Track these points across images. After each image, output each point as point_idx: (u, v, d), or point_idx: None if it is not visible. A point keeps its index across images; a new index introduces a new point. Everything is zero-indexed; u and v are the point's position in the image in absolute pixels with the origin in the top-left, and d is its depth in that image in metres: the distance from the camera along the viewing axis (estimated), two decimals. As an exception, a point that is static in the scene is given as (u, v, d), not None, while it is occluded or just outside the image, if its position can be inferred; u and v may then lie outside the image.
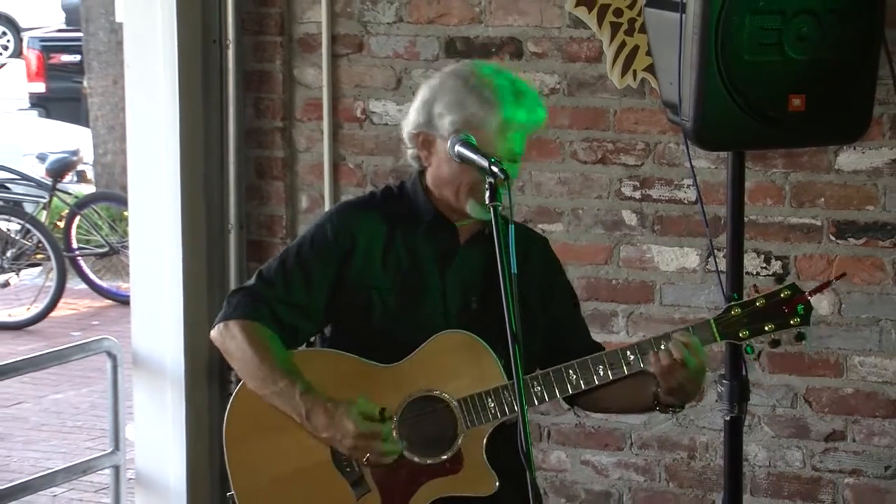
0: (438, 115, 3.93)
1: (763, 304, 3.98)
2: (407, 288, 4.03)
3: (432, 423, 3.95)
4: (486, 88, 3.90)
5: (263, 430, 4.05)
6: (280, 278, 4.06)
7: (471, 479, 3.98)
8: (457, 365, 3.97)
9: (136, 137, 5.82)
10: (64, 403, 10.09)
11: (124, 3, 5.88)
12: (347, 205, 4.28)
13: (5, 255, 12.85)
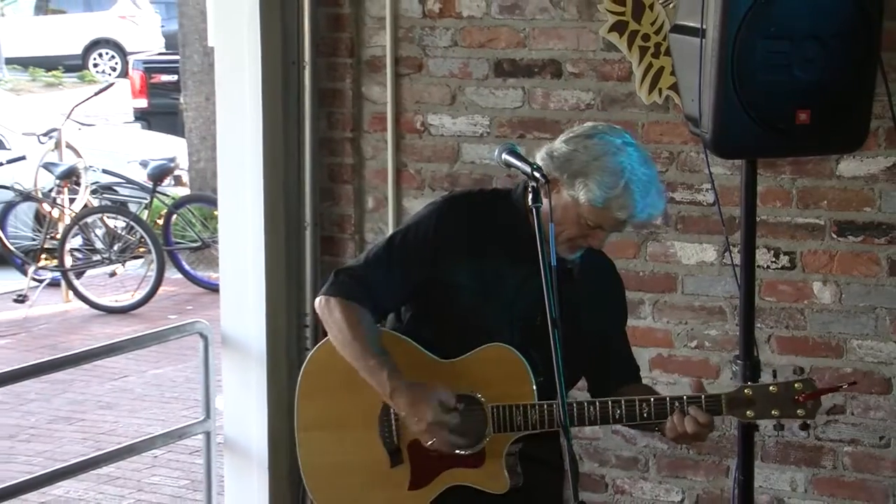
0: (581, 182, 3.81)
1: (775, 391, 3.86)
2: (484, 292, 3.99)
3: (467, 420, 3.92)
4: (633, 186, 3.79)
5: (327, 390, 4.09)
6: (383, 265, 4.03)
7: (487, 476, 3.98)
8: (499, 376, 3.94)
9: (225, 146, 5.83)
10: (163, 377, 10.15)
11: (215, 29, 5.90)
12: (454, 203, 4.13)
13: (113, 249, 12.90)
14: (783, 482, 5.16)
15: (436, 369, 3.99)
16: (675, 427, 3.83)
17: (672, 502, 5.34)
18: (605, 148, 3.84)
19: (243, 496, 5.92)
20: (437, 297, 4.03)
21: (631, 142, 3.90)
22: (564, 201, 3.84)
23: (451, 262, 3.99)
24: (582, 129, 3.96)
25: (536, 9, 5.33)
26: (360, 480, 4.08)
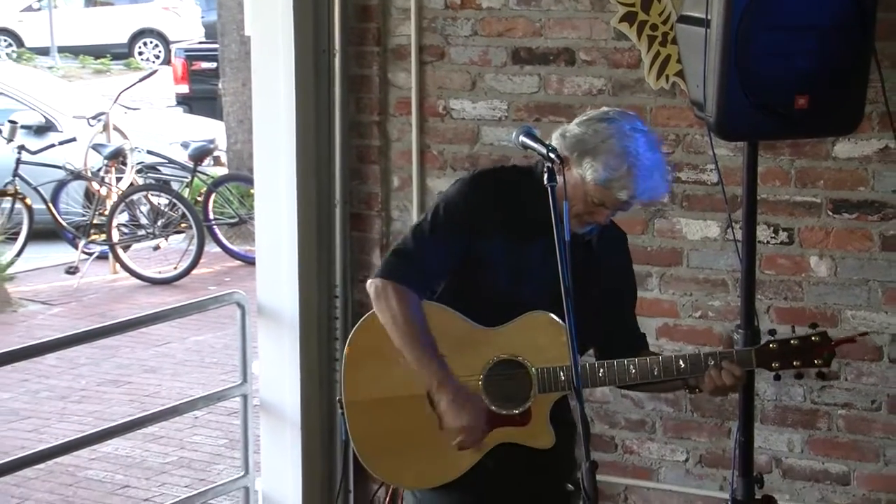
0: (588, 162, 3.87)
1: (796, 344, 4.04)
2: (516, 266, 4.01)
3: (513, 382, 3.96)
4: (636, 169, 3.85)
5: (376, 357, 4.06)
6: (429, 243, 4.03)
7: (533, 433, 4.00)
8: (541, 340, 3.96)
9: (261, 129, 5.84)
10: (203, 344, 10.18)
11: (252, 20, 5.90)
12: (482, 179, 4.14)
13: (156, 224, 12.95)
14: (781, 443, 5.16)
15: (478, 336, 4.02)
16: (713, 381, 3.95)
17: (677, 461, 5.34)
18: (614, 132, 3.88)
19: (277, 454, 5.94)
20: (470, 269, 4.04)
21: (641, 128, 3.94)
22: (574, 179, 3.87)
23: (483, 234, 4.01)
24: (596, 113, 3.99)
25: (552, 0, 5.32)
26: (412, 442, 4.06)
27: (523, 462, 4.03)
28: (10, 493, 7.24)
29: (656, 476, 5.38)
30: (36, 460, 6.08)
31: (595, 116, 3.96)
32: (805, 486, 5.14)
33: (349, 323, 5.80)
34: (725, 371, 3.95)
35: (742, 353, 4.04)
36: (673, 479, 5.35)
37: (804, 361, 4.05)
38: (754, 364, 4.05)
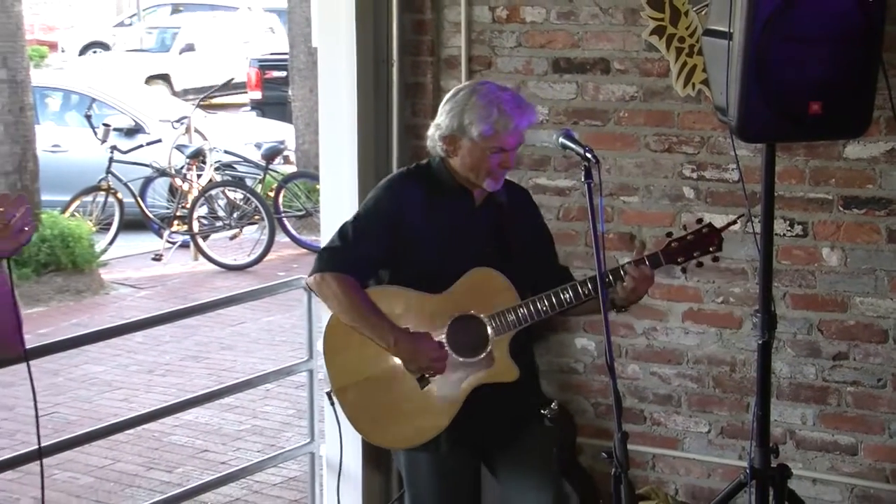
0: (468, 126, 4.06)
1: (692, 239, 4.20)
2: (443, 238, 4.14)
3: (471, 334, 4.11)
4: (504, 106, 4.05)
5: (348, 346, 4.17)
6: (356, 239, 4.17)
7: (500, 371, 4.14)
8: (485, 292, 4.11)
9: (326, 131, 5.84)
10: (273, 324, 10.23)
11: (318, 33, 5.90)
12: (396, 179, 4.34)
13: (232, 216, 13.02)
14: (795, 417, 5.13)
15: (431, 302, 4.14)
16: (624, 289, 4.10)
17: (700, 433, 5.32)
18: (468, 94, 4.13)
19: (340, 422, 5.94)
20: (409, 252, 4.16)
21: (485, 82, 4.25)
22: (468, 147, 4.09)
23: (411, 223, 4.15)
24: (447, 96, 4.23)
25: (588, 15, 5.30)
26: (403, 409, 4.18)
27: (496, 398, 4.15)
28: (103, 455, 7.30)
29: (681, 446, 5.36)
30: (126, 426, 6.11)
31: (448, 98, 4.21)
32: (816, 455, 5.11)
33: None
34: (640, 274, 4.10)
35: (652, 256, 4.15)
36: (696, 448, 5.33)
37: (702, 251, 4.21)
38: (663, 262, 4.17)
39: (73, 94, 15.48)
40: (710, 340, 5.24)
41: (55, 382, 8.64)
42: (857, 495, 5.07)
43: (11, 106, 11.94)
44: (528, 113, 4.11)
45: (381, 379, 4.14)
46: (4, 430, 7.69)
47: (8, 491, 6.34)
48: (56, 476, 6.96)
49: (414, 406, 4.14)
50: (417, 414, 4.15)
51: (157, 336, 9.66)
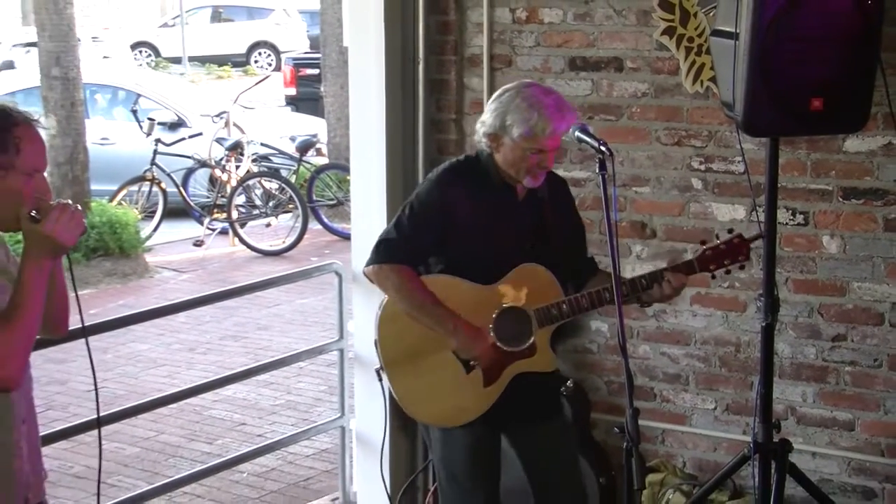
0: (510, 126, 4.03)
1: (723, 248, 4.19)
2: (488, 230, 4.13)
3: (516, 325, 4.12)
4: (545, 111, 4.00)
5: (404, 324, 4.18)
6: (411, 231, 4.16)
7: (540, 361, 4.17)
8: (532, 286, 4.11)
9: (357, 125, 5.84)
10: (307, 306, 10.26)
11: (349, 33, 5.90)
12: (446, 172, 4.28)
13: (268, 205, 13.05)
14: (796, 394, 5.11)
15: (483, 293, 4.15)
16: (662, 291, 4.13)
17: (707, 409, 5.30)
18: (513, 96, 4.08)
19: (369, 399, 5.95)
20: (458, 243, 4.15)
21: (532, 83, 4.19)
22: (510, 146, 4.06)
23: (459, 215, 4.13)
24: (495, 95, 4.18)
25: (603, 17, 5.28)
26: (447, 390, 4.18)
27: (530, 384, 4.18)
28: (148, 427, 7.33)
29: (689, 421, 5.35)
30: (169, 401, 6.16)
31: (495, 97, 4.15)
32: (816, 431, 5.09)
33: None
34: (678, 282, 4.13)
35: (688, 264, 4.18)
36: (703, 424, 5.32)
37: (733, 260, 4.21)
38: (697, 270, 4.18)
39: (120, 91, 15.53)
40: (717, 323, 5.23)
41: (104, 359, 8.67)
42: (854, 468, 5.05)
43: (64, 101, 12.00)
44: (568, 117, 4.04)
45: (430, 360, 4.15)
46: (58, 403, 7.73)
47: (62, 459, 6.38)
48: (104, 447, 6.97)
49: (458, 388, 4.15)
50: (461, 395, 4.16)
51: (199, 316, 9.69)
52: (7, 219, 3.09)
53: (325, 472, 6.72)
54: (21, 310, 3.04)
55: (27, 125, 3.07)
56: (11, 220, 3.08)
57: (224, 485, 6.53)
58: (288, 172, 13.43)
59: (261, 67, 28.65)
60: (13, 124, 3.04)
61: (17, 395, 3.17)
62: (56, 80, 11.99)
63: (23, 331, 3.04)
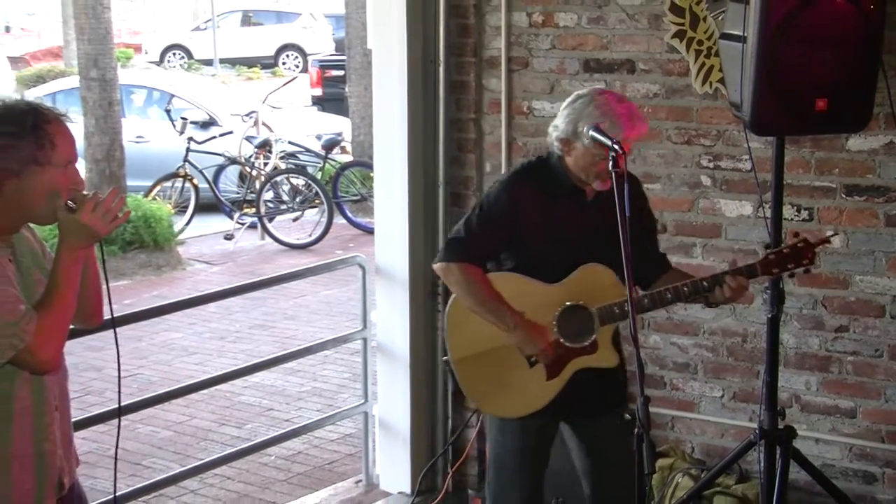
0: (582, 132, 3.96)
1: (788, 252, 4.10)
2: (556, 231, 4.07)
3: (579, 322, 4.06)
4: (616, 119, 3.93)
5: (467, 324, 4.15)
6: (480, 231, 4.13)
7: (602, 357, 4.12)
8: (595, 286, 4.05)
9: (380, 124, 5.85)
10: (332, 297, 10.27)
11: (373, 36, 5.90)
12: (516, 175, 4.25)
13: (295, 200, 13.06)
14: (800, 383, 5.10)
15: (548, 291, 4.10)
16: (723, 293, 4.06)
17: (715, 397, 5.30)
18: (587, 102, 4.00)
19: (391, 385, 5.97)
20: (524, 243, 4.11)
21: (606, 91, 4.13)
22: (581, 151, 4.00)
23: (528, 217, 4.08)
24: (568, 99, 4.10)
25: (616, 20, 5.27)
26: (512, 383, 4.16)
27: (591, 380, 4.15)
28: (181, 412, 7.36)
29: (697, 409, 5.34)
30: (201, 387, 6.17)
31: (569, 102, 4.08)
32: (819, 418, 5.08)
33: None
34: (737, 284, 4.05)
35: (750, 267, 4.11)
36: (711, 411, 5.31)
37: (797, 263, 4.12)
38: (759, 273, 4.11)
39: (154, 91, 15.59)
40: (725, 314, 5.22)
41: (139, 347, 8.71)
42: (856, 454, 5.04)
43: (101, 102, 12.04)
44: (639, 126, 3.98)
45: (495, 355, 4.13)
46: (95, 389, 7.77)
47: (100, 441, 6.40)
48: (139, 430, 7.03)
49: (522, 382, 4.13)
50: (524, 389, 4.14)
51: (229, 307, 9.72)
52: (44, 212, 3.11)
53: (348, 455, 6.74)
54: (56, 296, 3.08)
55: (58, 121, 3.10)
56: (49, 213, 3.11)
57: (253, 467, 6.55)
58: (314, 169, 13.45)
59: (288, 69, 28.69)
60: (46, 121, 3.06)
61: (51, 382, 3.20)
62: (94, 82, 12.04)
63: (58, 316, 3.07)
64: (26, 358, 3.02)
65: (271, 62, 29.31)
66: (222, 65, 28.21)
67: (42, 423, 3.17)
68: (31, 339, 3.00)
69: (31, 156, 3.03)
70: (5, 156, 3.02)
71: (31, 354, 3.01)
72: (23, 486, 3.14)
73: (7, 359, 3.00)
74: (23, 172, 3.03)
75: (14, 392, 3.10)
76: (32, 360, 3.03)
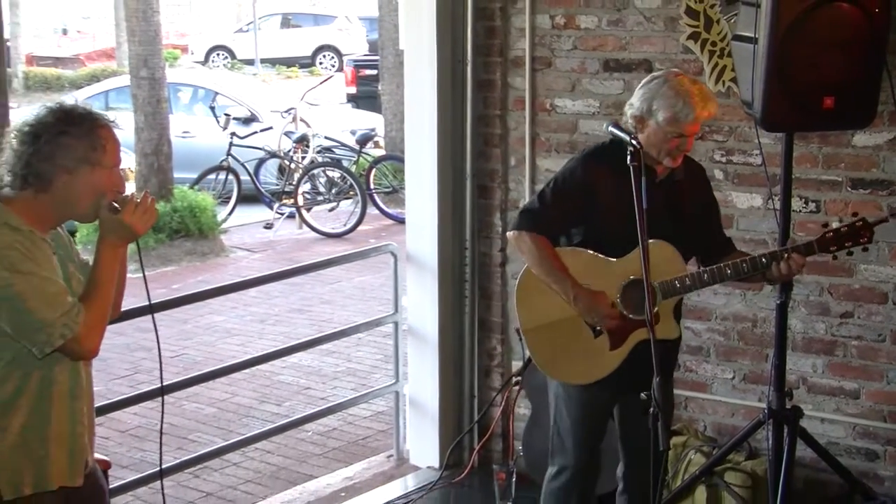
0: (655, 111, 4.00)
1: (846, 231, 4.07)
2: (626, 209, 3.93)
3: (642, 295, 3.96)
4: (688, 98, 3.97)
5: (537, 293, 4.17)
6: (553, 204, 4.15)
7: (665, 329, 4.11)
8: (658, 261, 3.98)
9: (411, 120, 5.86)
10: (365, 283, 10.29)
11: (405, 37, 5.91)
12: (591, 153, 4.23)
13: (331, 192, 13.09)
14: (807, 366, 5.09)
15: (612, 265, 4.12)
16: (780, 270, 4.04)
17: (726, 378, 5.29)
18: (662, 82, 4.04)
19: (421, 366, 5.99)
20: (594, 219, 4.12)
21: (680, 73, 4.14)
22: (653, 129, 4.02)
23: (600, 194, 4.09)
24: (644, 80, 4.12)
25: (634, 23, 5.26)
26: (578, 352, 4.18)
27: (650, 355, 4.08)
28: (224, 390, 7.40)
29: (710, 390, 5.34)
30: (242, 367, 6.21)
31: (644, 82, 4.10)
32: (825, 398, 5.07)
33: (475, 268, 5.82)
34: (793, 261, 4.03)
35: (808, 245, 4.07)
36: (722, 392, 5.30)
37: (854, 242, 4.09)
38: (816, 251, 4.07)
39: (200, 89, 15.63)
40: (736, 300, 5.21)
41: (184, 329, 8.76)
42: (859, 432, 5.02)
43: (150, 99, 12.10)
44: (710, 106, 4.01)
45: (563, 324, 4.14)
46: (144, 368, 7.81)
47: (149, 417, 6.46)
48: (185, 406, 7.07)
49: (587, 351, 4.14)
50: (589, 357, 4.15)
51: (268, 291, 9.76)
52: (88, 210, 3.17)
53: (380, 431, 6.76)
54: (99, 289, 3.16)
55: (109, 127, 3.17)
56: (91, 212, 3.17)
57: (291, 442, 6.59)
58: (349, 163, 13.47)
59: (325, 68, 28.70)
60: (99, 126, 3.13)
61: (83, 369, 3.27)
62: (144, 80, 12.09)
63: (101, 308, 3.15)
64: (73, 346, 3.08)
65: (309, 62, 29.33)
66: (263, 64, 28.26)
67: (76, 406, 3.23)
68: (79, 330, 3.06)
69: (85, 156, 3.09)
70: (62, 153, 3.08)
71: (78, 343, 3.08)
72: (59, 463, 3.20)
73: (56, 347, 3.05)
74: (75, 170, 3.09)
75: (54, 377, 3.16)
76: (79, 348, 3.10)
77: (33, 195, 3.09)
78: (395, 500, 5.61)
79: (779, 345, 4.46)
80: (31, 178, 3.07)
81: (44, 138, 3.06)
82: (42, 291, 3.02)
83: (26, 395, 3.12)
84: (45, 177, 3.08)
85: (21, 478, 3.13)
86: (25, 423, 3.12)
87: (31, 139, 3.07)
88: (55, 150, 3.06)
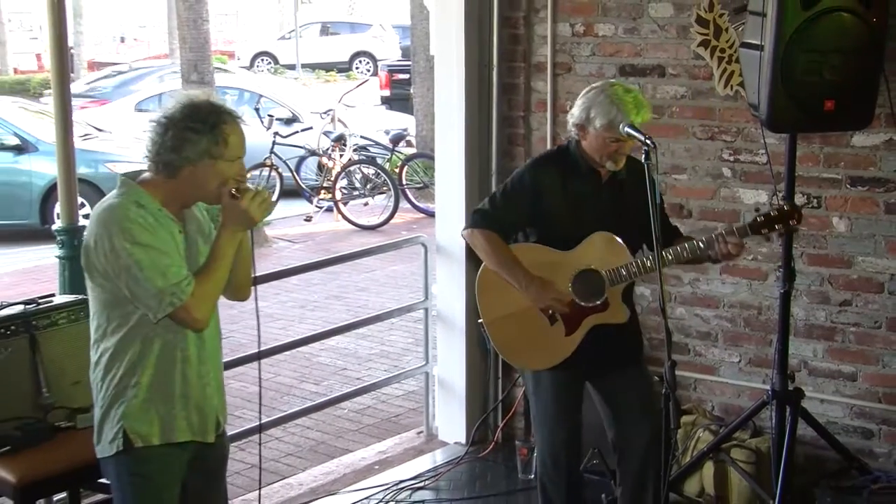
0: (593, 119, 4.03)
1: (775, 215, 4.06)
2: (575, 208, 4.11)
3: (592, 284, 4.09)
4: (623, 107, 3.97)
5: (498, 286, 4.19)
6: (503, 205, 4.18)
7: (613, 313, 4.14)
8: (604, 251, 4.08)
9: (441, 121, 5.87)
10: (397, 272, 10.29)
11: (435, 43, 5.92)
12: (539, 161, 4.30)
13: (366, 187, 13.10)
14: (808, 351, 5.08)
15: (563, 258, 4.14)
16: (721, 251, 4.03)
17: (733, 362, 5.29)
18: (597, 92, 4.07)
19: (449, 350, 6.01)
20: (546, 219, 4.15)
21: (615, 83, 4.14)
22: (593, 135, 4.06)
23: (549, 196, 4.12)
24: (583, 91, 4.14)
25: (649, 31, 5.26)
26: (536, 339, 4.19)
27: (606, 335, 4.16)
28: (266, 370, 7.43)
29: (717, 372, 5.33)
30: (284, 349, 6.24)
31: (584, 93, 4.12)
32: (824, 381, 5.06)
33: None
34: (731, 244, 4.02)
35: (741, 228, 4.06)
36: (729, 374, 5.30)
37: (784, 224, 4.06)
38: (749, 233, 4.07)
39: (245, 92, 15.72)
40: (742, 289, 5.20)
41: (231, 314, 8.68)
42: (856, 412, 5.01)
43: (199, 101, 12.14)
44: (644, 113, 4.01)
45: (520, 315, 4.16)
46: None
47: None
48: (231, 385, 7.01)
49: (545, 338, 4.16)
50: (548, 344, 4.17)
51: (308, 279, 9.79)
52: (211, 196, 3.29)
53: (411, 409, 6.78)
54: (213, 267, 3.27)
55: (234, 122, 3.25)
56: (214, 197, 3.29)
57: (328, 419, 6.62)
58: (383, 160, 13.49)
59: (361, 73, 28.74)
60: (223, 122, 3.22)
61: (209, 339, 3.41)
62: (194, 84, 12.14)
63: (213, 284, 3.26)
64: (182, 315, 3.20)
65: (346, 67, 29.37)
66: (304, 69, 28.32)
67: (203, 370, 3.38)
68: (189, 300, 3.18)
69: (207, 150, 3.19)
70: (186, 147, 3.18)
71: (187, 312, 3.20)
72: (186, 420, 3.36)
73: (167, 313, 3.18)
74: (198, 162, 3.19)
75: (177, 343, 3.31)
76: (188, 317, 3.21)
77: (164, 180, 3.23)
78: (425, 473, 5.64)
79: (782, 331, 4.46)
80: (161, 165, 3.21)
81: (171, 132, 3.18)
82: (156, 263, 3.15)
83: (150, 356, 3.28)
84: (172, 165, 3.20)
85: (150, 429, 3.30)
86: (151, 381, 3.29)
87: (162, 130, 3.19)
88: (180, 143, 3.17)
